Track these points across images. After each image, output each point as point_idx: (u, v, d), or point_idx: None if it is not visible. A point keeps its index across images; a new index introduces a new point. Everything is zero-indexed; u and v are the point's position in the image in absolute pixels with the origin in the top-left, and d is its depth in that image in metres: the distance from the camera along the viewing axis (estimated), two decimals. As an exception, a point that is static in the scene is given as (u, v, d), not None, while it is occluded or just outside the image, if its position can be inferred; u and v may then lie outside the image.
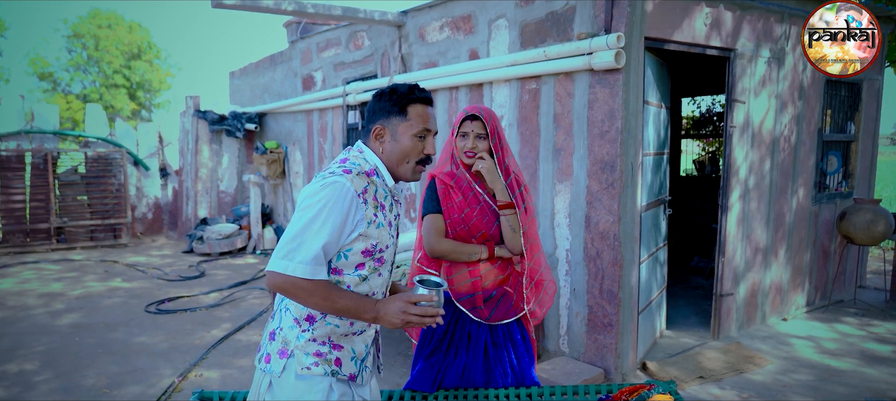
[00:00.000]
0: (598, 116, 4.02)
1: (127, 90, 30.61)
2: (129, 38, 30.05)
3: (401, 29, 6.13)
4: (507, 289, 2.55)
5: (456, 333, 2.53)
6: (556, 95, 4.35)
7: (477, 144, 2.45)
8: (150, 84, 31.54)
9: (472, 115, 2.46)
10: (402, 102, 1.84)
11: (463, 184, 2.49)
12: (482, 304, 2.50)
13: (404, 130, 1.84)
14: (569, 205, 4.29)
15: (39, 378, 4.29)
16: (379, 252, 1.85)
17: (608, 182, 3.98)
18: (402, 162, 1.86)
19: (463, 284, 2.51)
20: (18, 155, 9.47)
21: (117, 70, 29.63)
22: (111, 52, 29.43)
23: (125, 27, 30.18)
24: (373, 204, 1.79)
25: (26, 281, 7.47)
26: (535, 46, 4.49)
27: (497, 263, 2.53)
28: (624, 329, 4.05)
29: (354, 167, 1.80)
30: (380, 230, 1.82)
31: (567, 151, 4.28)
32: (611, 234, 3.99)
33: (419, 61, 5.86)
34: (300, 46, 8.58)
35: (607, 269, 4.03)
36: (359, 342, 1.92)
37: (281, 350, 1.82)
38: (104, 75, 30.04)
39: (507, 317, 2.53)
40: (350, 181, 1.73)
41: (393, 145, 1.85)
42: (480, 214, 2.48)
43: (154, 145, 10.87)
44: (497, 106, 4.90)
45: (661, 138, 4.67)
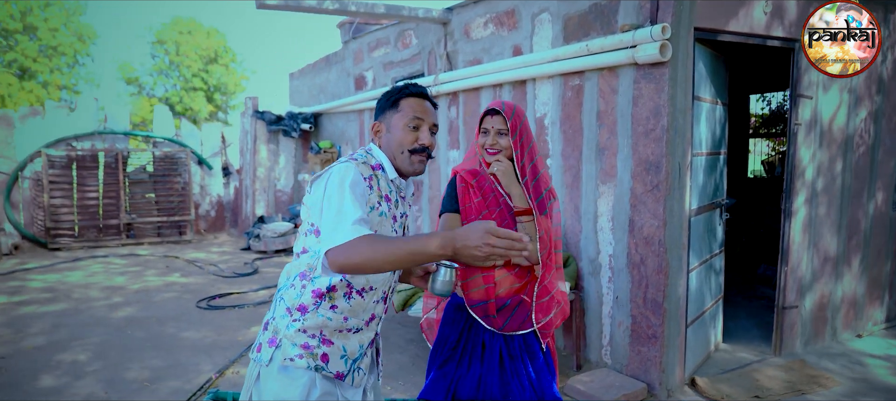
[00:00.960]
0: (643, 113, 3.77)
1: (205, 93, 31.97)
2: (206, 43, 31.36)
3: (446, 26, 6.02)
4: (524, 298, 2.39)
5: (469, 342, 2.39)
6: (599, 92, 4.12)
7: (498, 140, 2.32)
8: (226, 87, 32.83)
9: (492, 109, 2.32)
10: (395, 96, 1.90)
11: (484, 184, 2.37)
12: (495, 312, 2.35)
13: (397, 122, 1.87)
14: (612, 208, 4.05)
15: (89, 369, 4.44)
16: None
17: (653, 184, 3.72)
18: (397, 153, 1.87)
19: (476, 291, 2.37)
20: (92, 154, 9.98)
21: (196, 74, 30.96)
22: (190, 57, 30.80)
23: (203, 33, 31.52)
24: (376, 193, 1.79)
25: (93, 274, 7.84)
26: (578, 41, 4.27)
27: (514, 270, 2.37)
28: (670, 342, 3.78)
29: (362, 158, 1.82)
30: (381, 219, 1.79)
31: (610, 151, 4.04)
32: (656, 239, 3.73)
33: (464, 59, 5.74)
34: (352, 47, 8.62)
35: (652, 277, 3.77)
36: (353, 341, 1.85)
37: (270, 339, 1.80)
38: (184, 79, 31.51)
39: (522, 328, 2.37)
40: (356, 166, 1.75)
41: (388, 138, 1.88)
42: (499, 217, 2.34)
43: (217, 145, 11.23)
44: (540, 104, 4.71)
45: (716, 137, 4.35)
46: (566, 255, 4.33)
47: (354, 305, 1.83)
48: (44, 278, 7.58)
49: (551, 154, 4.59)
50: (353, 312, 1.83)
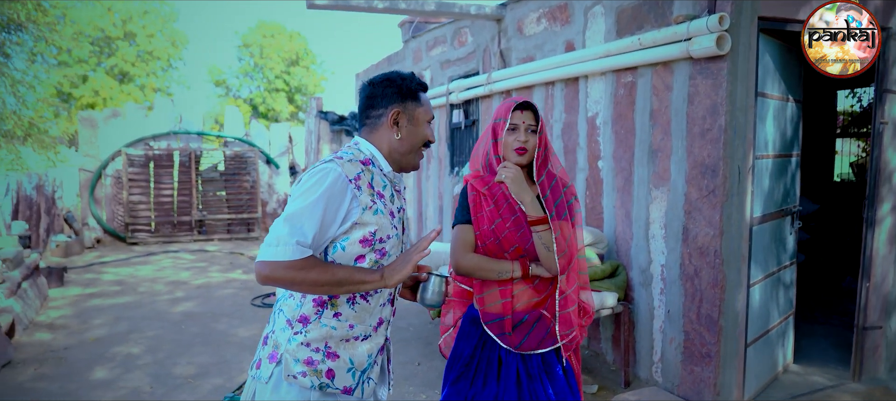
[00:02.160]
0: (699, 111, 3.46)
1: (286, 94, 33.08)
2: (289, 45, 32.44)
3: (500, 23, 5.84)
4: (544, 313, 2.18)
5: (484, 358, 2.21)
6: (652, 89, 3.82)
7: (528, 138, 2.12)
8: (306, 88, 33.87)
9: (524, 103, 2.13)
10: (415, 88, 1.79)
11: (497, 191, 2.17)
12: (511, 329, 2.16)
13: (420, 115, 1.79)
14: (665, 214, 3.75)
15: (140, 362, 4.57)
16: (379, 242, 1.70)
17: (709, 189, 3.40)
18: (414, 149, 1.80)
19: (492, 305, 2.19)
20: (168, 154, 10.45)
21: (278, 76, 32.07)
22: (273, 60, 31.94)
23: (286, 36, 32.61)
24: (368, 191, 1.68)
25: (162, 269, 8.18)
26: (631, 34, 3.99)
27: (533, 283, 2.18)
28: (726, 362, 3.44)
29: (347, 155, 1.71)
30: (379, 217, 1.69)
31: (664, 153, 3.74)
32: (711, 250, 3.41)
33: (517, 56, 5.53)
34: (412, 46, 8.58)
35: (706, 290, 3.45)
36: (361, 350, 1.73)
37: (271, 354, 1.70)
38: (267, 80, 32.73)
39: (541, 346, 2.17)
40: (340, 166, 1.64)
41: (410, 130, 1.78)
42: (514, 226, 2.14)
43: (285, 145, 11.51)
44: (592, 102, 4.45)
45: (786, 138, 3.95)
46: (615, 264, 4.06)
47: (359, 310, 1.72)
48: (117, 272, 7.98)
49: (602, 156, 4.32)
50: (358, 317, 1.72)
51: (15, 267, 5.56)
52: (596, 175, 4.41)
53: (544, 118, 5.04)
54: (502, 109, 2.14)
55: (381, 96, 1.78)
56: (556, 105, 4.91)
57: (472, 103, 6.64)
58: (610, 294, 3.84)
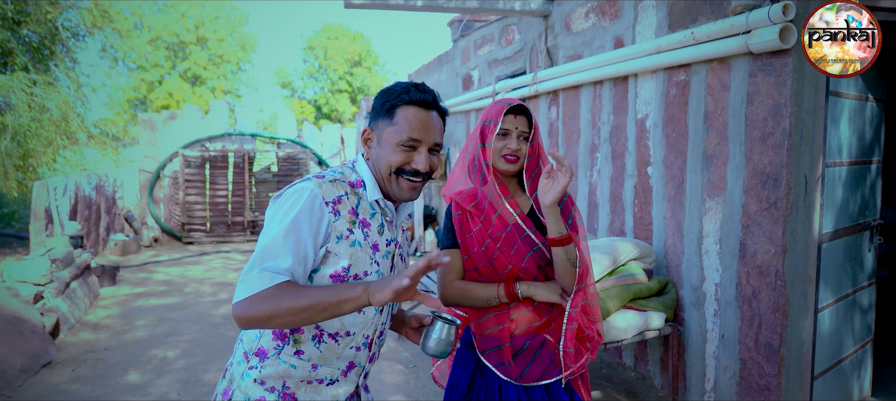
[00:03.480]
0: (759, 113, 3.07)
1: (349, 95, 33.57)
2: (352, 47, 32.91)
3: (547, 19, 5.53)
4: (547, 338, 1.90)
5: (482, 387, 1.94)
6: (707, 88, 3.45)
7: (521, 146, 1.86)
8: (368, 89, 34.29)
9: (517, 106, 1.87)
10: (391, 101, 1.52)
11: (485, 205, 1.90)
12: (511, 359, 1.89)
13: (388, 136, 1.51)
14: (720, 228, 3.37)
15: (174, 367, 4.54)
16: (355, 280, 1.45)
17: (770, 201, 3.01)
18: (384, 174, 1.52)
19: (490, 331, 1.93)
20: (223, 155, 10.63)
21: (342, 77, 32.57)
22: (337, 61, 32.48)
23: (350, 37, 33.10)
24: (349, 217, 1.46)
25: (212, 269, 8.28)
26: (684, 28, 3.62)
27: (533, 306, 1.91)
28: (789, 396, 3.04)
29: (332, 175, 1.50)
30: (354, 250, 1.46)
31: (720, 159, 3.36)
32: (772, 269, 3.01)
33: (564, 54, 5.22)
34: (460, 45, 8.36)
35: (766, 315, 3.06)
36: (324, 395, 1.51)
37: (225, 390, 1.52)
38: (331, 82, 33.31)
39: (545, 377, 1.89)
40: (318, 187, 1.43)
41: (377, 152, 1.54)
42: (507, 244, 1.87)
43: (337, 146, 11.52)
44: (641, 103, 4.10)
45: (865, 142, 3.48)
46: (664, 280, 3.70)
47: (326, 351, 1.50)
48: (168, 271, 8.12)
49: (652, 161, 3.96)
50: (323, 358, 1.50)
51: (65, 267, 5.68)
52: (645, 182, 4.05)
53: (592, 120, 4.73)
54: (494, 110, 1.88)
55: (371, 111, 1.60)
56: (603, 106, 4.57)
57: (518, 104, 6.34)
58: (656, 314, 3.48)
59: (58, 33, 9.45)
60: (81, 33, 10.12)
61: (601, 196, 4.59)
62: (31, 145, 8.82)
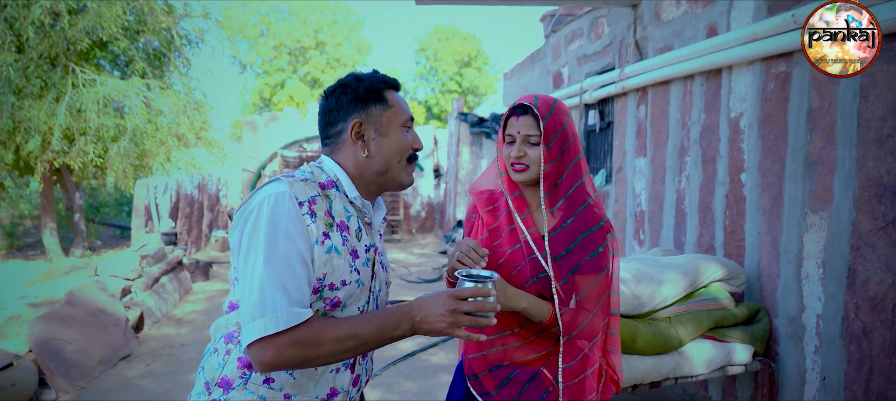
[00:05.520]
0: (876, 110, 2.50)
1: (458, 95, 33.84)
2: (461, 47, 33.13)
3: (636, 9, 5.05)
4: (543, 371, 1.59)
5: None
6: (811, 80, 2.89)
7: (526, 151, 1.55)
8: (478, 89, 34.33)
9: (520, 106, 1.57)
10: (378, 87, 1.39)
11: (501, 212, 1.65)
12: (493, 389, 1.61)
13: (390, 120, 1.39)
14: (823, 248, 2.80)
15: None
16: (330, 289, 1.28)
17: (888, 218, 2.44)
18: (393, 163, 1.40)
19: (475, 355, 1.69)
20: (318, 155, 10.90)
21: (451, 77, 32.88)
22: (446, 62, 32.83)
23: (460, 38, 33.35)
24: (324, 219, 1.30)
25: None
26: (785, 11, 3.07)
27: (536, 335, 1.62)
28: (909, 462, 2.45)
29: (303, 175, 1.34)
30: (331, 256, 1.28)
31: (825, 166, 2.80)
32: (887, 303, 2.44)
33: (654, 46, 4.72)
34: (551, 42, 7.96)
35: (879, 358, 2.48)
36: None
37: None
38: (441, 82, 33.73)
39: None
40: (289, 186, 1.27)
41: (380, 142, 1.38)
42: (510, 262, 1.60)
43: (430, 146, 11.46)
44: (735, 100, 3.56)
45: None
46: (755, 306, 3.16)
47: (300, 376, 1.31)
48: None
49: (745, 167, 3.42)
50: (298, 387, 1.31)
51: (155, 263, 5.95)
52: (737, 191, 3.51)
53: (682, 119, 4.21)
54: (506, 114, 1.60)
55: (336, 108, 1.39)
56: (694, 104, 4.05)
57: (607, 102, 5.89)
58: (742, 346, 2.97)
59: (173, 41, 10.08)
60: (194, 40, 10.73)
61: (690, 206, 4.07)
62: (147, 146, 9.44)
